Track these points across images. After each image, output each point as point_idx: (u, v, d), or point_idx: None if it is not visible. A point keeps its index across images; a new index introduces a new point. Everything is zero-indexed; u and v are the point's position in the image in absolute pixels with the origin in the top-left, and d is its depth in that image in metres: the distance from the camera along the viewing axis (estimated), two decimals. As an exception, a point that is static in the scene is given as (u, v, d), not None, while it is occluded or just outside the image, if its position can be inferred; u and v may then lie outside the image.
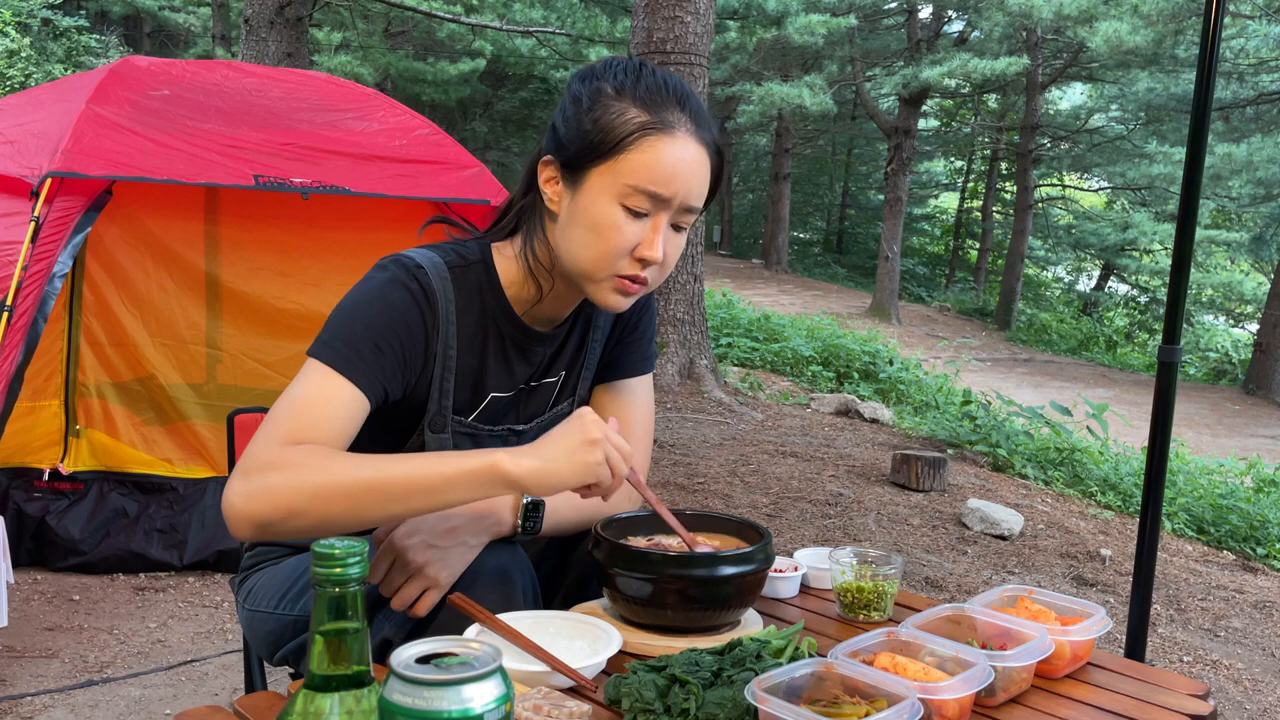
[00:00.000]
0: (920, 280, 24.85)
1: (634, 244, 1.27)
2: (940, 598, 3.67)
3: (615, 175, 1.25)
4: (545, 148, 1.34)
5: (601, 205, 1.26)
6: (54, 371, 3.70)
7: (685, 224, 1.31)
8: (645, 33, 6.16)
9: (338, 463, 1.16)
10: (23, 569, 3.45)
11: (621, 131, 1.25)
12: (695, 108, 1.29)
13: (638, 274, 1.29)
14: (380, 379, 1.27)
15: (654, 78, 1.29)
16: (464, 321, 1.35)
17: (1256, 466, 7.34)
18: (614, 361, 1.52)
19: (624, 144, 1.25)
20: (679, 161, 1.25)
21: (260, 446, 1.18)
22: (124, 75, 3.45)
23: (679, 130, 1.26)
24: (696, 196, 1.29)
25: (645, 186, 1.24)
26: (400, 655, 0.73)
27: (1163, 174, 17.09)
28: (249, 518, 1.15)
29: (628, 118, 1.25)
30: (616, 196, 1.25)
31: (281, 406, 1.23)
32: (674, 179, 1.25)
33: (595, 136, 1.26)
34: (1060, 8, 13.41)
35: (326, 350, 1.26)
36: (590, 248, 1.28)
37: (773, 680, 1.00)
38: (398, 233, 3.89)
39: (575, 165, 1.28)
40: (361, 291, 1.32)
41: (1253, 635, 3.89)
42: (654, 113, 1.25)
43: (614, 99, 1.27)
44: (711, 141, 1.30)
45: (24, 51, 12.80)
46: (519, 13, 12.89)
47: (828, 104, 15.52)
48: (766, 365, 8.78)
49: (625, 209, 1.26)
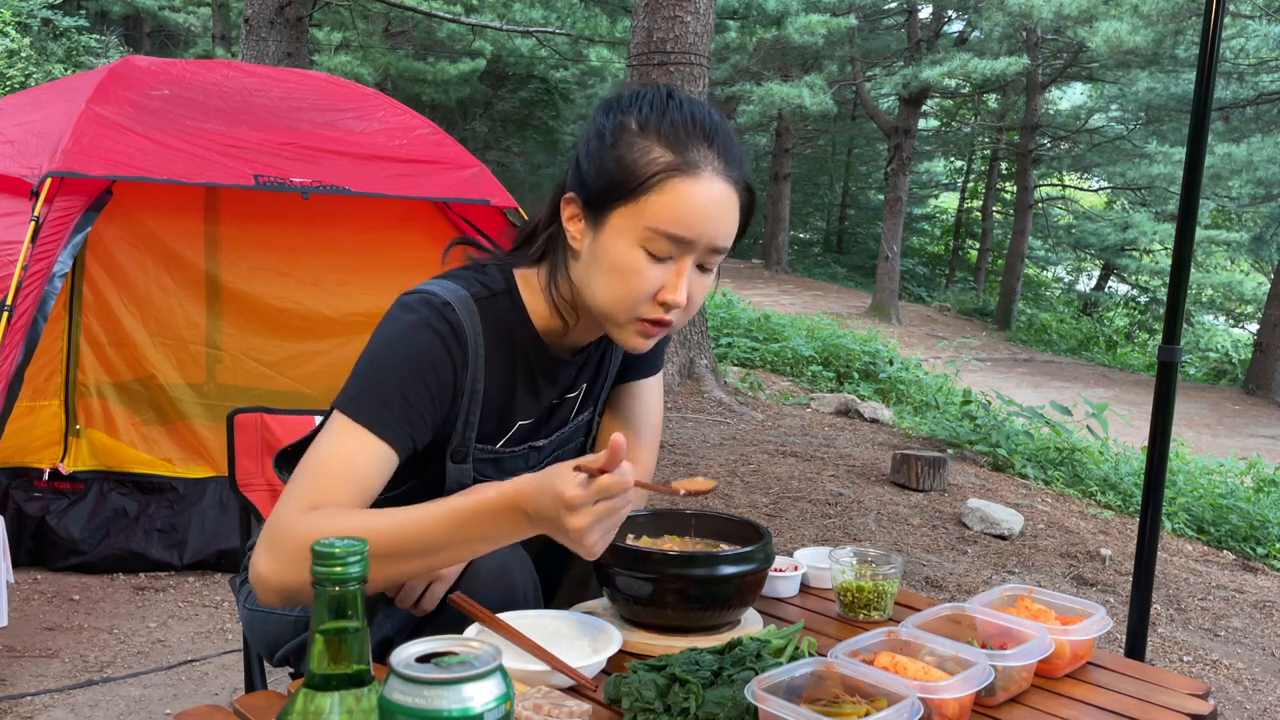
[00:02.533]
0: (920, 280, 24.84)
1: (656, 287, 1.22)
2: (940, 597, 3.67)
3: (637, 217, 1.20)
4: (569, 183, 1.29)
5: (622, 247, 1.22)
6: (54, 371, 3.70)
7: (712, 264, 1.26)
8: (645, 33, 6.15)
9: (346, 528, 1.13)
10: (23, 569, 3.45)
11: (645, 172, 1.19)
12: (724, 143, 1.23)
13: (661, 317, 1.25)
14: (409, 430, 1.23)
15: (680, 111, 1.23)
16: (493, 355, 1.31)
17: (1256, 466, 7.34)
18: (627, 364, 1.52)
19: (647, 185, 1.19)
20: (705, 204, 1.20)
21: (283, 514, 1.17)
22: (124, 75, 3.45)
23: (705, 170, 1.20)
24: (723, 237, 1.23)
25: (668, 230, 1.19)
26: (400, 654, 0.73)
27: (1163, 174, 17.08)
28: (276, 590, 1.16)
29: (651, 157, 1.20)
30: (638, 239, 1.21)
31: (305, 467, 1.20)
32: (698, 222, 1.20)
33: (618, 176, 1.21)
34: (1060, 8, 13.41)
35: (354, 406, 1.22)
36: (611, 290, 1.24)
37: (773, 680, 1.00)
38: (398, 232, 3.89)
39: (597, 204, 1.24)
40: (388, 338, 1.26)
41: (1253, 635, 3.89)
42: (679, 152, 1.20)
43: (638, 135, 1.22)
44: (740, 179, 1.24)
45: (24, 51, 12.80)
46: (519, 13, 12.88)
47: (828, 104, 15.52)
48: (766, 365, 8.78)
49: (647, 252, 1.21)
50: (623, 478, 1.05)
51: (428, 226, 3.86)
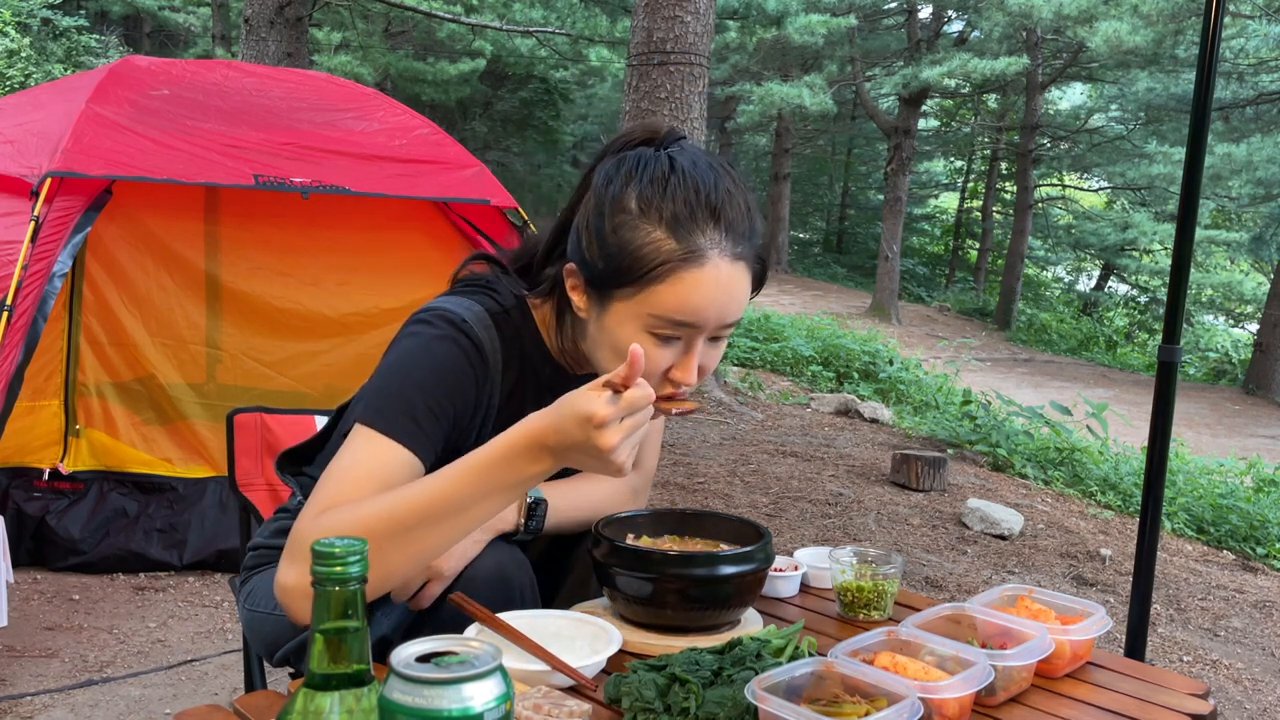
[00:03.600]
0: (920, 280, 24.83)
1: (665, 367, 1.19)
2: (940, 597, 3.67)
3: (642, 305, 1.16)
4: (570, 252, 1.24)
5: (628, 332, 1.18)
6: (54, 371, 3.70)
7: (726, 335, 1.23)
8: (645, 33, 6.15)
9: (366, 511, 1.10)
10: (23, 569, 3.45)
11: (648, 263, 1.14)
12: (731, 219, 1.17)
13: (672, 393, 1.21)
14: (434, 444, 1.22)
15: (684, 187, 1.16)
16: (507, 370, 1.31)
17: (1256, 466, 7.34)
18: None
19: (651, 276, 1.15)
20: (713, 291, 1.15)
21: (302, 524, 1.14)
22: (124, 75, 3.45)
23: (710, 255, 1.15)
24: (733, 314, 1.19)
25: (675, 318, 1.16)
26: (400, 654, 0.73)
27: (1163, 174, 17.07)
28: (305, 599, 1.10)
29: (654, 245, 1.15)
30: (644, 326, 1.17)
31: (327, 477, 1.17)
32: (706, 308, 1.16)
33: (620, 262, 1.16)
34: (1060, 8, 13.41)
35: (377, 417, 1.19)
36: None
37: (773, 679, 1.00)
38: (398, 232, 3.89)
39: (599, 285, 1.20)
40: (410, 352, 1.24)
41: (1252, 635, 3.89)
42: (683, 239, 1.14)
43: (639, 218, 1.16)
44: (750, 253, 1.19)
45: (24, 51, 12.79)
46: (519, 13, 12.88)
47: (828, 104, 15.52)
48: (766, 365, 8.78)
49: (655, 336, 1.17)
50: (645, 390, 1.03)
51: (428, 226, 3.86)
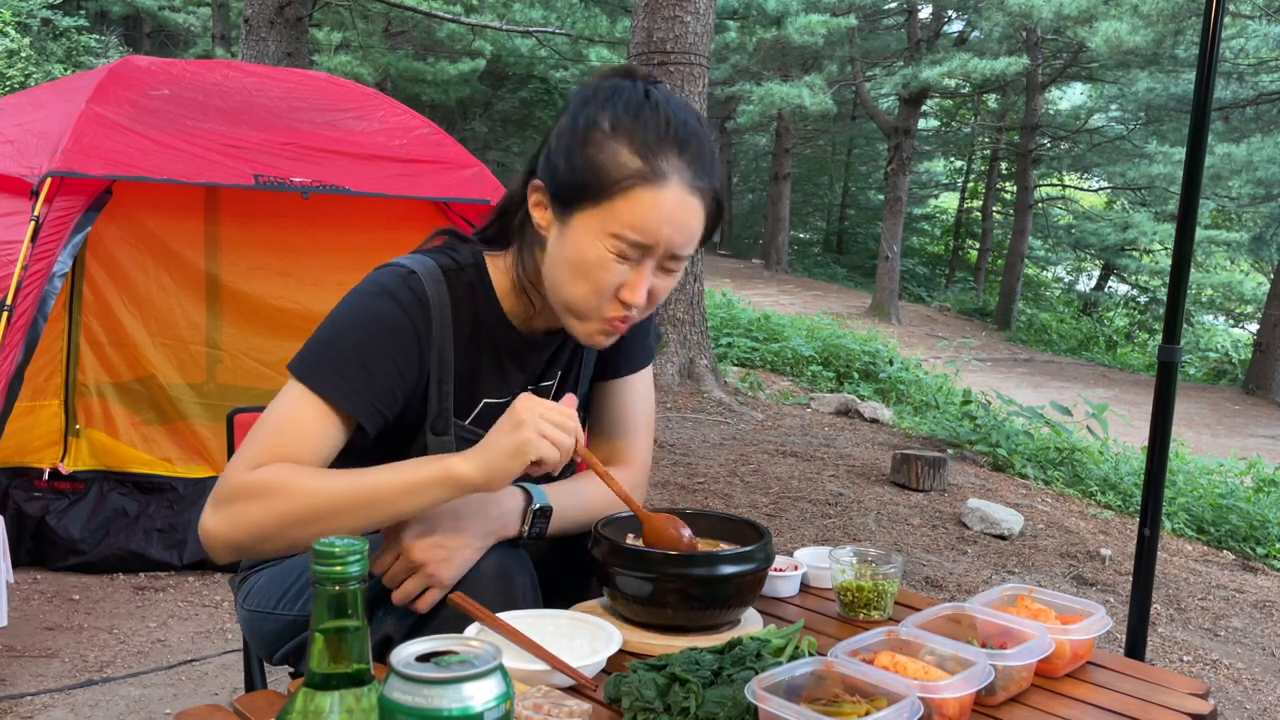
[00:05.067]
0: (920, 280, 24.83)
1: (618, 284, 1.25)
2: (940, 597, 3.66)
3: (603, 220, 1.22)
4: (539, 170, 1.30)
5: (587, 245, 1.24)
6: (54, 371, 3.70)
7: (675, 268, 1.29)
8: (645, 33, 6.16)
9: (299, 484, 1.18)
10: (23, 569, 3.45)
11: (612, 177, 1.21)
12: (695, 152, 1.24)
13: (622, 314, 1.27)
14: (370, 400, 1.25)
15: (655, 115, 1.23)
16: (460, 327, 1.34)
17: (1256, 466, 7.35)
18: (610, 361, 1.51)
19: (613, 190, 1.21)
20: (668, 213, 1.22)
21: (231, 473, 1.21)
22: (124, 75, 3.45)
23: (671, 180, 1.21)
24: (683, 245, 1.25)
25: (629, 236, 1.22)
26: (400, 653, 0.73)
27: (1163, 174, 17.08)
28: (223, 544, 1.21)
29: (619, 162, 1.21)
30: (603, 241, 1.23)
31: (258, 429, 1.24)
32: (659, 230, 1.22)
33: (585, 176, 1.22)
34: (1060, 8, 13.41)
35: (309, 373, 1.25)
36: (575, 286, 1.26)
37: (773, 679, 1.00)
38: (398, 232, 3.88)
39: (564, 200, 1.25)
40: (350, 306, 1.30)
41: (1252, 635, 3.89)
42: (647, 159, 1.21)
43: (609, 137, 1.22)
44: (709, 189, 1.25)
45: (24, 51, 12.79)
46: (519, 13, 12.88)
47: (828, 104, 15.52)
48: (766, 365, 8.78)
49: (610, 252, 1.23)
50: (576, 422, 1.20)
51: (428, 226, 3.82)
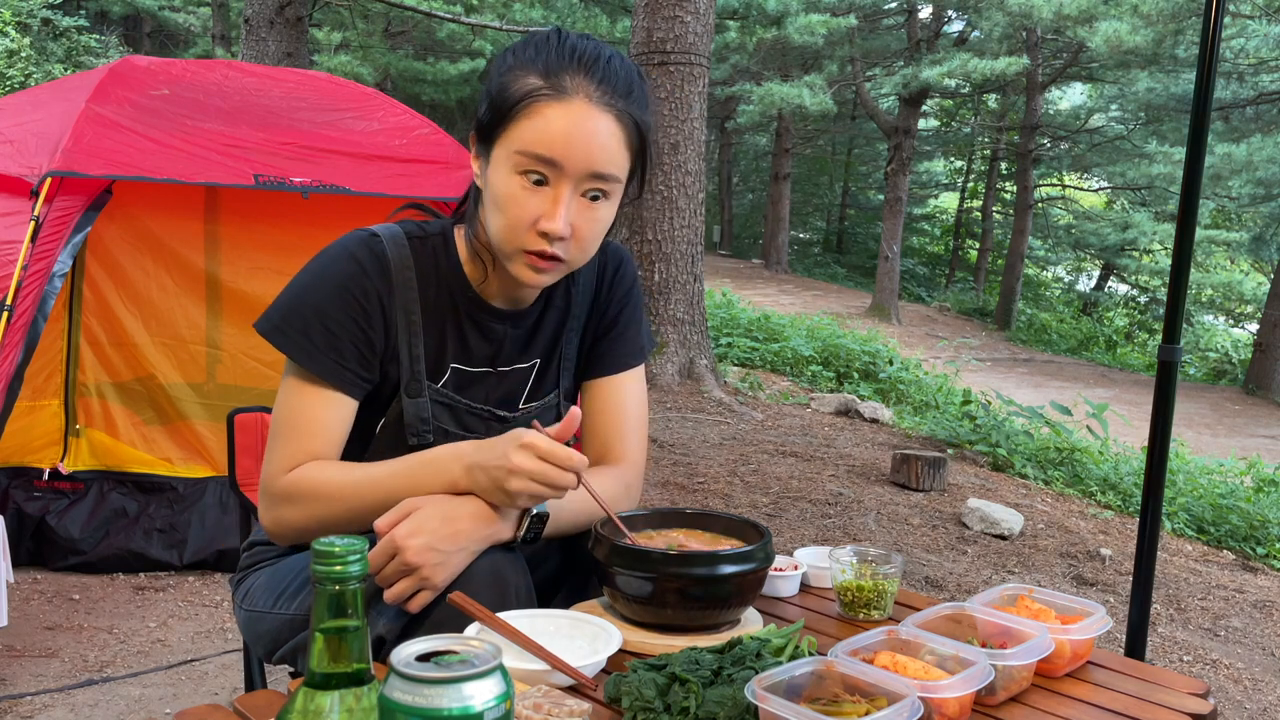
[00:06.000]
0: (920, 280, 24.84)
1: (534, 216, 1.23)
2: (940, 597, 3.66)
3: (509, 143, 1.22)
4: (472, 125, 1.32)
5: (501, 176, 1.23)
6: (54, 371, 3.70)
7: (600, 193, 1.25)
8: (645, 33, 6.16)
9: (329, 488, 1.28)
10: (23, 568, 3.45)
11: (515, 97, 1.21)
12: (606, 74, 1.23)
13: (544, 249, 1.24)
14: (336, 360, 1.29)
15: (564, 44, 1.24)
16: (424, 290, 1.35)
17: (1256, 466, 7.35)
18: (598, 357, 1.49)
19: (516, 110, 1.21)
20: (571, 126, 1.20)
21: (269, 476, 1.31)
22: (124, 75, 3.45)
23: (575, 96, 1.21)
24: (601, 163, 1.22)
25: (532, 150, 1.20)
26: (400, 653, 0.73)
27: (1163, 174, 17.08)
28: (279, 539, 1.35)
29: (523, 83, 1.22)
30: (513, 166, 1.22)
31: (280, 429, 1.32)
32: (565, 144, 1.20)
33: (497, 104, 1.23)
34: (1060, 8, 13.41)
35: (273, 331, 1.30)
36: (495, 221, 1.26)
37: (773, 679, 1.00)
38: (398, 232, 3.89)
39: (484, 137, 1.26)
40: (311, 269, 1.33)
41: (1253, 635, 3.89)
42: (550, 77, 1.21)
43: (516, 66, 1.24)
44: (624, 110, 1.24)
45: (24, 51, 12.79)
46: (519, 13, 12.89)
47: (828, 104, 15.52)
48: (766, 365, 8.78)
49: (522, 177, 1.22)
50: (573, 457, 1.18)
51: (428, 226, 3.85)
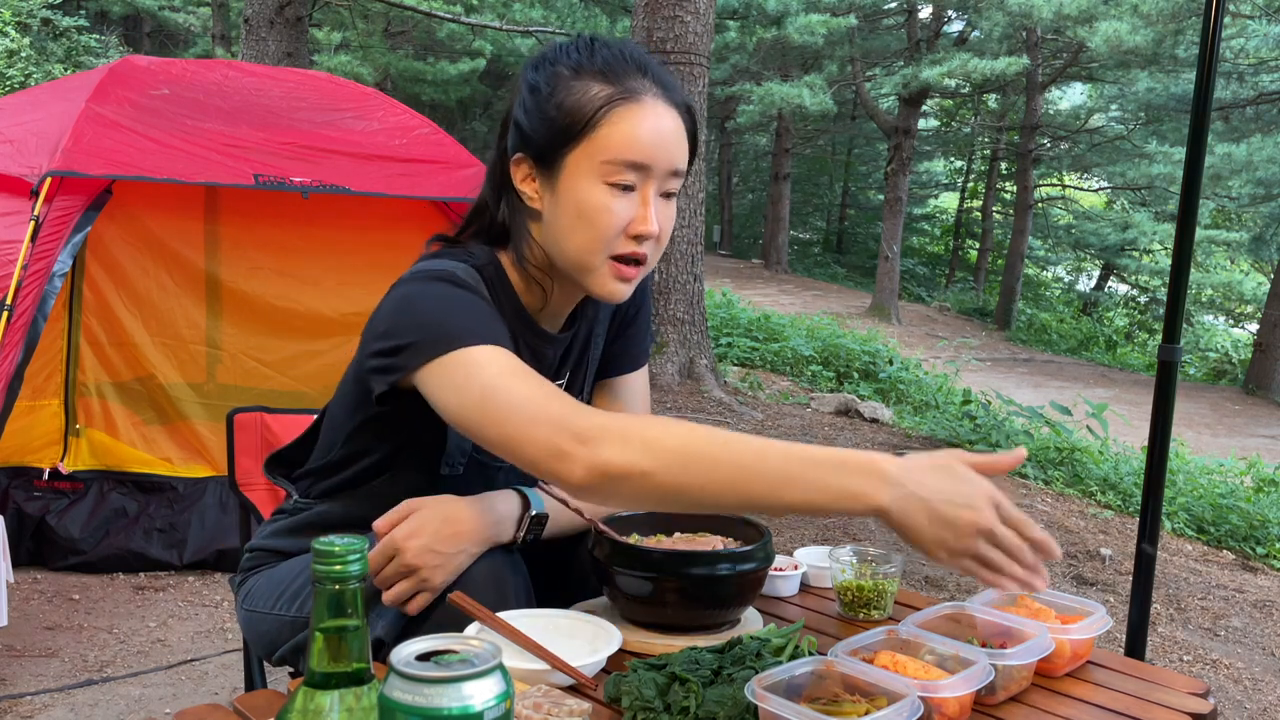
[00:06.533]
0: (920, 280, 24.83)
1: (626, 221, 1.23)
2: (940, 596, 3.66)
3: (592, 155, 1.21)
4: (510, 146, 1.28)
5: (584, 189, 1.22)
6: (54, 371, 3.70)
7: (674, 190, 1.28)
8: (645, 32, 6.15)
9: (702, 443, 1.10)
10: (23, 568, 3.45)
11: (589, 108, 1.21)
12: (657, 72, 1.26)
13: (635, 251, 1.25)
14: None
15: (609, 50, 1.25)
16: None
17: (1256, 466, 7.35)
18: (611, 357, 1.50)
19: (594, 121, 1.21)
20: (654, 127, 1.22)
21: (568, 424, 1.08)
22: (124, 75, 3.45)
23: (646, 96, 1.22)
24: (679, 159, 1.25)
25: (625, 158, 1.21)
26: (400, 652, 0.73)
27: (1163, 174, 17.07)
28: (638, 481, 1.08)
29: (593, 94, 1.21)
30: (598, 176, 1.21)
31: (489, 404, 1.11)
32: (652, 145, 1.22)
33: (563, 121, 1.22)
34: (1060, 8, 13.41)
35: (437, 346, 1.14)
36: (580, 235, 1.24)
37: (773, 678, 1.00)
38: (397, 232, 3.89)
39: (548, 156, 1.24)
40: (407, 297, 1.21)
41: (1253, 635, 3.89)
42: (617, 83, 1.22)
43: (573, 79, 1.23)
44: (681, 102, 1.27)
45: (24, 51, 12.78)
46: (519, 13, 12.88)
47: (828, 104, 15.52)
48: (766, 365, 8.77)
49: (610, 186, 1.22)
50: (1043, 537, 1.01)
51: (427, 226, 3.85)
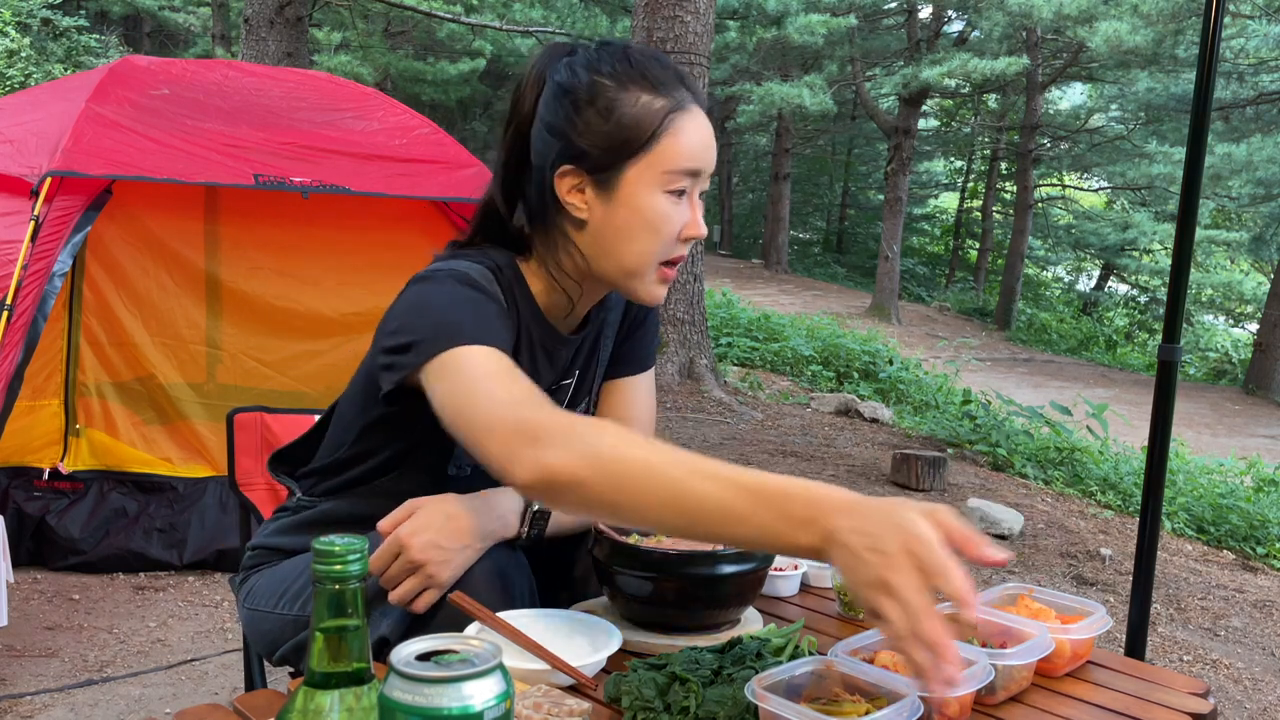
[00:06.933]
0: (920, 280, 24.83)
1: (680, 227, 1.29)
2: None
3: (654, 165, 1.25)
4: (556, 158, 1.27)
5: (645, 197, 1.26)
6: (54, 371, 3.70)
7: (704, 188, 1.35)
8: (645, 32, 6.16)
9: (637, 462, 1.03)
10: (23, 568, 3.45)
11: (651, 122, 1.25)
12: (688, 79, 1.32)
13: (681, 255, 1.31)
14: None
15: (641, 57, 1.29)
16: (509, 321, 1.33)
17: (1256, 466, 7.35)
18: (619, 359, 1.52)
19: (657, 133, 1.25)
20: (703, 133, 1.28)
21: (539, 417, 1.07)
22: (124, 75, 3.45)
23: (690, 104, 1.28)
24: (714, 162, 1.33)
25: (685, 166, 1.26)
26: (400, 652, 0.73)
27: (1163, 174, 17.08)
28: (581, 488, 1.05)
29: (648, 106, 1.25)
30: (660, 185, 1.26)
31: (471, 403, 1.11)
32: (705, 150, 1.28)
33: (624, 134, 1.24)
34: (1060, 8, 13.41)
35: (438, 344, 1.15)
36: (640, 243, 1.27)
37: (773, 678, 1.00)
38: (397, 232, 3.89)
39: (606, 168, 1.26)
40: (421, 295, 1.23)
41: (1252, 634, 3.89)
42: (666, 94, 1.26)
43: (623, 91, 1.25)
44: (706, 105, 1.33)
45: (24, 51, 12.79)
46: (519, 13, 12.89)
47: (828, 104, 15.52)
48: (766, 365, 8.78)
49: (669, 194, 1.26)
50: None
51: (427, 226, 3.86)
